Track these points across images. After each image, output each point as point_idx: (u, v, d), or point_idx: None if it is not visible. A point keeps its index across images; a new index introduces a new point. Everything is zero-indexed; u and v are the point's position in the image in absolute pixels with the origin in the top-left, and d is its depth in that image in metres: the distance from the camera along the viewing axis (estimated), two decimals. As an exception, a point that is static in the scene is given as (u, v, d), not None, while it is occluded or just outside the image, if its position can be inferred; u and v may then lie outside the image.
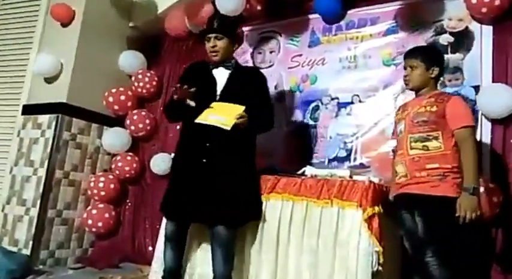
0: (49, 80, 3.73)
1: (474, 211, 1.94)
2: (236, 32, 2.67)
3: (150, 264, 3.05)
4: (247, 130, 2.42)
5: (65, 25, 3.79)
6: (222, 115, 2.35)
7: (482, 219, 2.34)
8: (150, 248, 3.67)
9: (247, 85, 2.54)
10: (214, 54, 2.52)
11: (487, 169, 2.59)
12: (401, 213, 2.20)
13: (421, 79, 2.24)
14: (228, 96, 2.47)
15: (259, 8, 3.57)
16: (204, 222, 2.50)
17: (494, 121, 2.64)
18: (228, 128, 2.30)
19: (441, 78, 2.49)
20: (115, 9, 3.99)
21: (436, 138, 2.09)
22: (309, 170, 2.74)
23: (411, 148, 2.15)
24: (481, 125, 2.65)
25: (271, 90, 3.55)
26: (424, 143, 2.11)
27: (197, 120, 2.36)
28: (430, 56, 2.27)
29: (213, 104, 2.42)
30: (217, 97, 2.48)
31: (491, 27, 2.78)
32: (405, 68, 2.31)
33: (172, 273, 2.56)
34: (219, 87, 2.51)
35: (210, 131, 2.36)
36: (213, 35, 2.51)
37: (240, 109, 2.35)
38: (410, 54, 2.31)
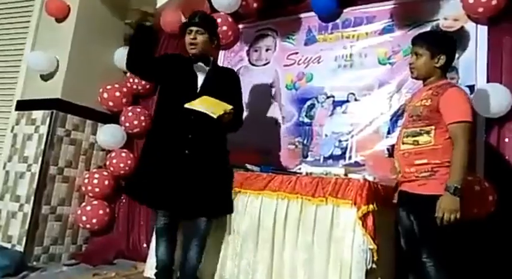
0: (43, 76, 3.71)
1: (453, 213, 1.85)
2: (216, 31, 2.71)
3: (144, 260, 3.06)
4: (225, 127, 2.51)
5: (59, 21, 3.77)
6: (211, 106, 2.40)
7: (477, 218, 2.37)
8: (145, 245, 3.67)
9: (224, 84, 2.62)
10: (193, 46, 2.55)
11: (482, 167, 2.61)
12: (399, 210, 2.19)
13: (425, 68, 2.13)
14: (208, 92, 2.50)
15: (255, 5, 3.57)
16: (187, 214, 2.52)
17: (489, 121, 2.66)
18: (215, 116, 2.34)
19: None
20: (110, 4, 3.97)
21: (428, 133, 2.03)
22: (304, 168, 2.75)
23: (403, 143, 2.12)
24: (476, 124, 2.66)
25: (268, 87, 3.57)
26: (415, 138, 2.06)
27: (187, 105, 2.38)
28: (436, 43, 2.13)
29: (204, 97, 2.45)
30: (198, 91, 2.52)
31: (486, 27, 2.79)
32: (412, 55, 2.20)
33: (166, 269, 2.59)
34: (199, 82, 2.56)
35: (190, 123, 2.42)
36: (195, 28, 2.54)
37: (229, 106, 2.42)
38: (416, 41, 2.19)
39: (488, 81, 2.71)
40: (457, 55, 2.82)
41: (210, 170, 2.48)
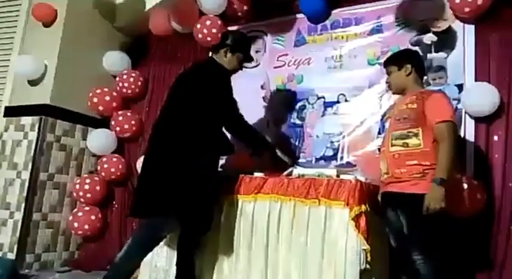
0: (32, 81, 3.68)
1: (438, 203, 1.93)
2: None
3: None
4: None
5: (47, 25, 3.74)
6: None
7: (467, 216, 2.41)
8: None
9: None
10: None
11: (471, 166, 2.64)
12: (386, 211, 2.23)
13: (398, 81, 2.32)
14: None
15: (245, 7, 3.57)
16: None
17: (477, 120, 2.69)
18: None
19: (425, 77, 2.53)
20: (98, 9, 3.94)
21: (416, 135, 2.10)
22: (296, 169, 2.76)
23: (392, 145, 2.17)
24: (465, 123, 2.69)
25: (258, 89, 3.56)
26: (404, 141, 2.12)
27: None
28: (398, 57, 2.37)
29: None
30: None
31: (473, 27, 2.82)
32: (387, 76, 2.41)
33: None
34: None
35: None
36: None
37: None
38: (385, 63, 2.43)
39: (476, 80, 2.74)
40: (445, 55, 2.87)
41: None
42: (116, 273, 2.36)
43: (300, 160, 3.23)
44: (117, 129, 3.84)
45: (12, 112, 3.71)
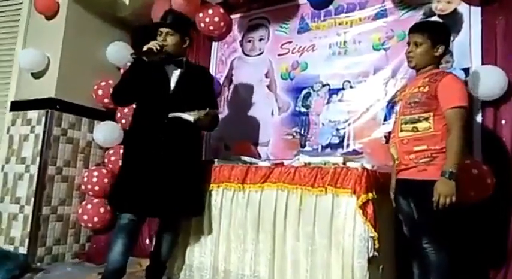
0: (36, 75, 3.68)
1: (449, 196, 1.87)
2: (189, 30, 2.69)
3: (148, 257, 3.06)
4: (202, 127, 2.61)
5: (49, 18, 3.73)
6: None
7: (476, 201, 2.38)
8: (148, 241, 3.69)
9: (197, 84, 2.61)
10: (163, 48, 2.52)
11: (479, 150, 2.62)
12: (399, 199, 2.20)
13: (425, 58, 2.12)
14: (180, 94, 2.53)
15: (246, -5, 3.53)
16: (165, 216, 2.64)
17: (485, 103, 2.65)
18: (191, 119, 2.43)
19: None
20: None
21: (426, 119, 2.03)
22: (302, 158, 2.75)
23: (401, 130, 2.12)
24: (472, 107, 2.65)
25: (262, 78, 3.55)
26: (414, 125, 2.06)
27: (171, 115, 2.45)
28: (437, 33, 2.13)
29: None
30: (171, 93, 2.53)
31: (479, 9, 2.77)
32: (409, 44, 2.17)
33: (117, 273, 2.42)
34: (172, 84, 2.55)
35: (163, 125, 2.45)
36: (165, 29, 2.54)
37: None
38: (416, 29, 2.17)
39: (483, 63, 2.69)
40: (451, 38, 2.81)
41: (184, 170, 2.52)
42: None
43: (305, 149, 3.22)
44: (123, 121, 3.84)
45: (18, 106, 3.72)
